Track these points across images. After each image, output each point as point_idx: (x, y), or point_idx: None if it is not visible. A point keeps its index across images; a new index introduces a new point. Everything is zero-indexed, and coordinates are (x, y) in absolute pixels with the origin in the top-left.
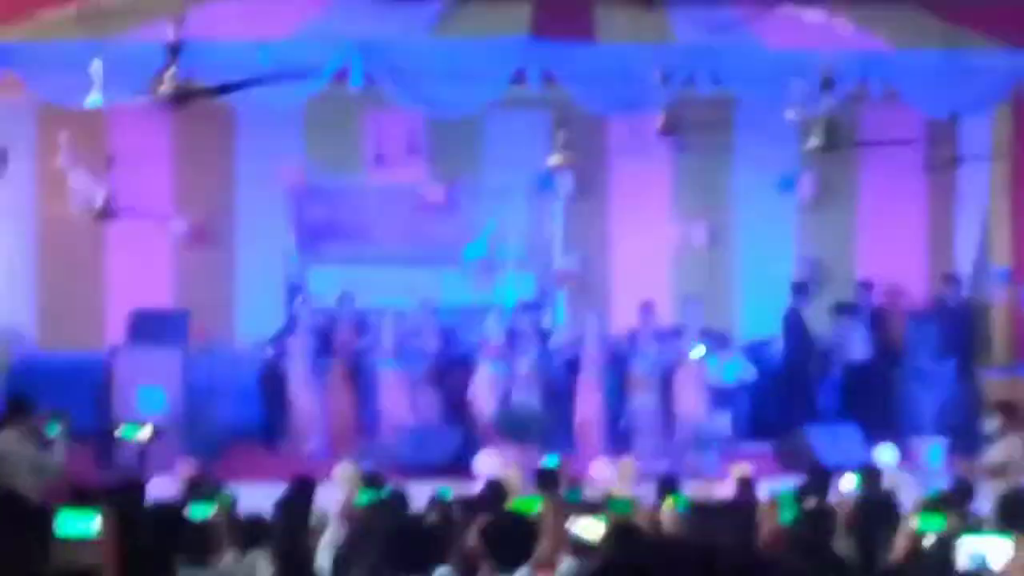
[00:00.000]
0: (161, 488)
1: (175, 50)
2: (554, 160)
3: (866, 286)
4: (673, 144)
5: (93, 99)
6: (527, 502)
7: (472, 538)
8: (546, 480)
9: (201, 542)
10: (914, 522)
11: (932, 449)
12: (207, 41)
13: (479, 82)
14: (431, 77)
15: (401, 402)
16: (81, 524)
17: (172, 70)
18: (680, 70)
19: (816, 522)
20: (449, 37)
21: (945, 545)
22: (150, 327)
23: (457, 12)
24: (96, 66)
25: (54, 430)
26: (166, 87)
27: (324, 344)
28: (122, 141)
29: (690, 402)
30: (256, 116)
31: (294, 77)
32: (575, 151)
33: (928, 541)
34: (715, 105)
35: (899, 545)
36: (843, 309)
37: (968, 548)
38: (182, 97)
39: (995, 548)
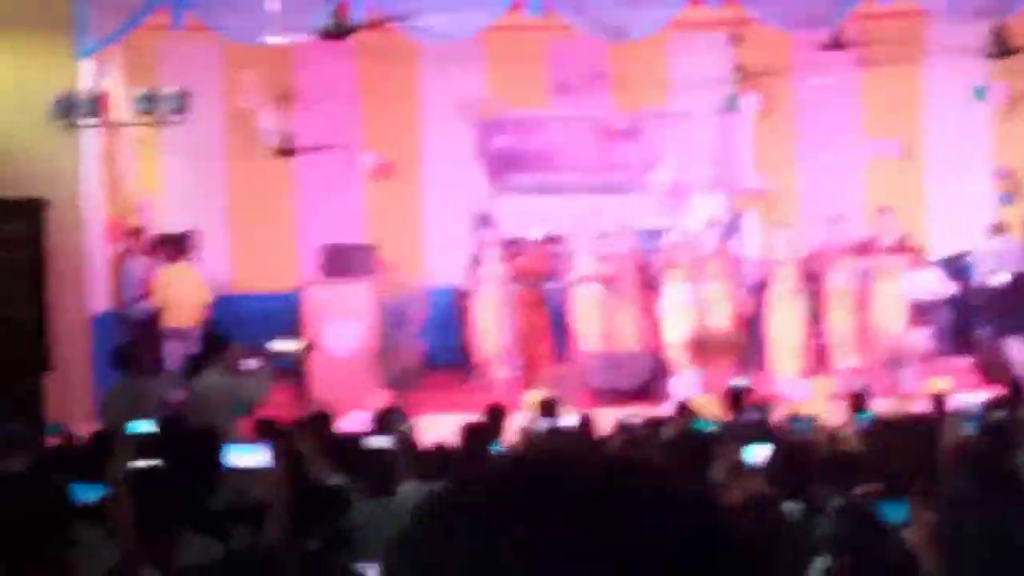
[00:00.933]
0: (353, 422)
1: None
2: (735, 79)
3: None
4: (860, 58)
5: (273, 37)
6: (701, 423)
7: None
8: (732, 401)
9: (380, 473)
10: None
11: None
12: None
13: (657, 4)
14: (608, 2)
15: (597, 327)
16: (253, 457)
17: (331, 6)
18: None
19: (998, 434)
20: None
21: None
22: (341, 261)
23: None
24: (274, 4)
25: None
26: (327, 22)
27: (515, 272)
28: (307, 78)
29: (888, 317)
30: (439, 49)
31: (466, 6)
32: (759, 70)
33: None
34: (901, 17)
35: None
36: None
37: None
38: (343, 31)
39: None
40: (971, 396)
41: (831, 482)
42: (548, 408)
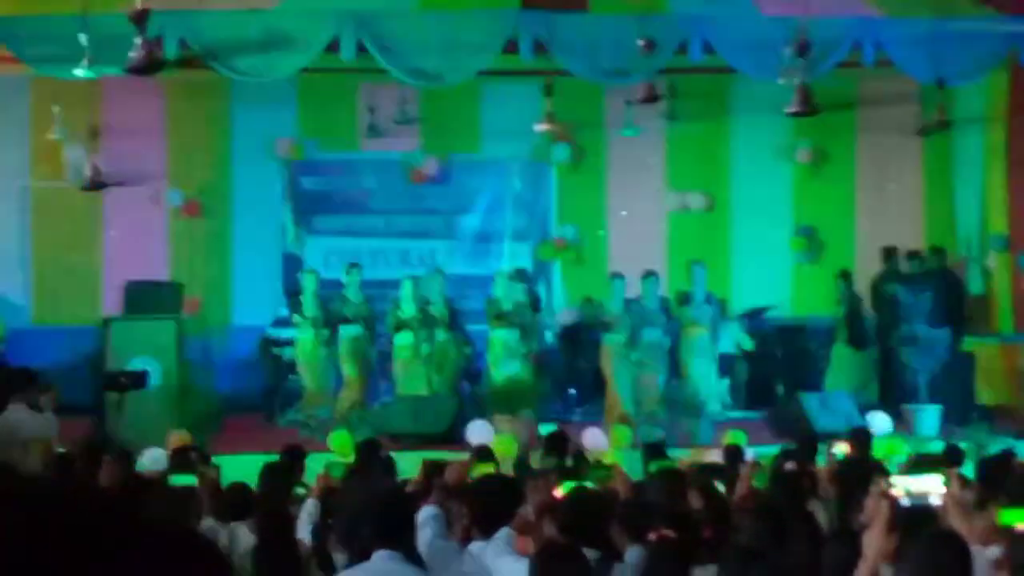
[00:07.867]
0: (154, 460)
1: (141, 20)
2: (544, 128)
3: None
4: (669, 113)
5: (81, 72)
6: (483, 465)
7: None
8: (554, 445)
9: (179, 512)
10: (884, 483)
11: (926, 416)
12: (197, 11)
13: (470, 52)
14: (422, 48)
15: (413, 372)
16: None
17: (139, 40)
18: (672, 39)
19: (790, 484)
20: (440, 8)
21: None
22: (144, 298)
23: None
24: (83, 38)
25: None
26: (133, 57)
27: (329, 314)
28: (116, 113)
29: (688, 370)
30: (251, 88)
31: (281, 47)
32: (570, 121)
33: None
34: (710, 74)
35: (869, 506)
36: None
37: (903, 487)
38: (153, 67)
39: (930, 486)
40: (764, 448)
41: (626, 529)
42: (370, 448)
